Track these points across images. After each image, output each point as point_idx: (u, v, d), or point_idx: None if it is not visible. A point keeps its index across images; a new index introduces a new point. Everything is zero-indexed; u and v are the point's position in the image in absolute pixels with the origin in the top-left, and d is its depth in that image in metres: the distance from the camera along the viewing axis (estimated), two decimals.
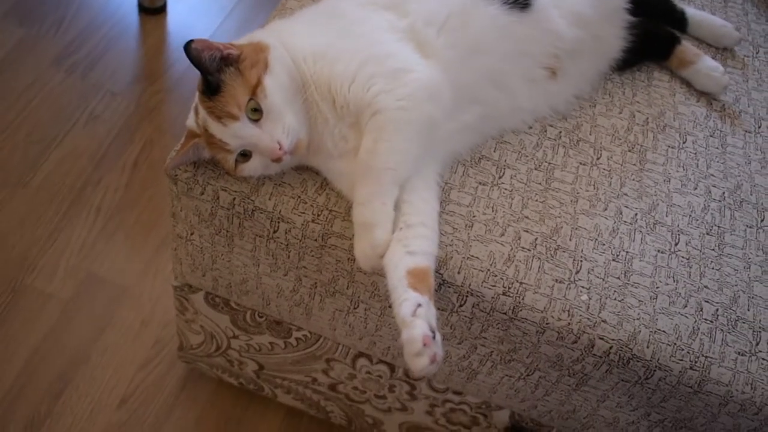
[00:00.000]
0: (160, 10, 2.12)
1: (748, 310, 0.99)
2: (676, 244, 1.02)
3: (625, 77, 1.22)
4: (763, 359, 0.95)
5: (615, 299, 0.96)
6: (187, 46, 0.87)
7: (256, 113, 0.90)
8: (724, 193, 1.10)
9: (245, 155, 0.93)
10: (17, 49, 1.95)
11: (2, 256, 1.59)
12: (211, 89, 0.90)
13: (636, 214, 1.04)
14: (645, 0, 1.24)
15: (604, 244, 1.00)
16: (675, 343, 0.94)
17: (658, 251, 1.01)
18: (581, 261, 0.98)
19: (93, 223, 1.67)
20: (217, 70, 0.90)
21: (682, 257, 1.01)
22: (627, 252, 1.00)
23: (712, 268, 1.01)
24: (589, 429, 1.10)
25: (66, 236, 1.64)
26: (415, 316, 0.82)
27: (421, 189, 0.95)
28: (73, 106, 1.86)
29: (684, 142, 1.15)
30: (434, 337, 0.82)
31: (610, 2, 1.17)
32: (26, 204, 1.68)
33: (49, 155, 1.75)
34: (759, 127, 1.21)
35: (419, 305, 0.83)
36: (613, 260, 0.99)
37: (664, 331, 0.95)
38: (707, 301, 0.98)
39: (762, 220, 1.08)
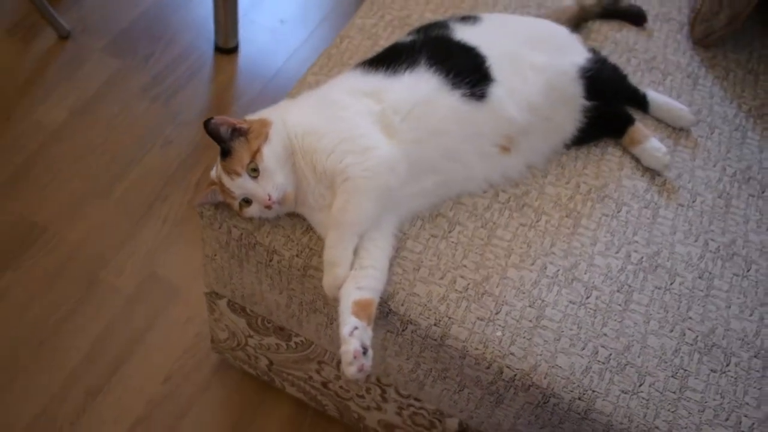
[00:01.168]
0: (233, 50, 2.47)
1: (639, 357, 1.21)
2: (587, 298, 1.26)
3: (581, 151, 1.44)
4: (643, 398, 1.17)
5: (524, 337, 1.20)
6: (207, 123, 1.19)
7: (254, 172, 1.19)
8: (642, 257, 1.32)
9: (247, 201, 1.23)
10: (112, 79, 2.33)
11: (84, 254, 1.96)
12: (224, 153, 1.21)
13: (558, 270, 1.28)
14: (608, 85, 1.44)
15: (524, 293, 1.25)
16: (568, 378, 1.18)
17: (570, 302, 1.25)
18: (502, 305, 1.23)
19: (159, 231, 2.02)
20: (229, 139, 1.21)
21: (590, 308, 1.24)
22: (543, 300, 1.24)
23: (615, 320, 1.24)
24: None
25: (136, 241, 1.99)
26: (351, 336, 1.10)
27: (377, 239, 1.22)
28: (153, 131, 2.22)
29: (618, 212, 1.37)
30: (365, 353, 1.09)
31: (566, 92, 1.37)
32: (107, 212, 2.04)
33: (129, 173, 2.12)
34: (693, 202, 1.41)
35: (356, 328, 1.10)
36: (529, 306, 1.23)
37: (560, 367, 1.19)
38: (603, 347, 1.21)
39: (671, 283, 1.30)
